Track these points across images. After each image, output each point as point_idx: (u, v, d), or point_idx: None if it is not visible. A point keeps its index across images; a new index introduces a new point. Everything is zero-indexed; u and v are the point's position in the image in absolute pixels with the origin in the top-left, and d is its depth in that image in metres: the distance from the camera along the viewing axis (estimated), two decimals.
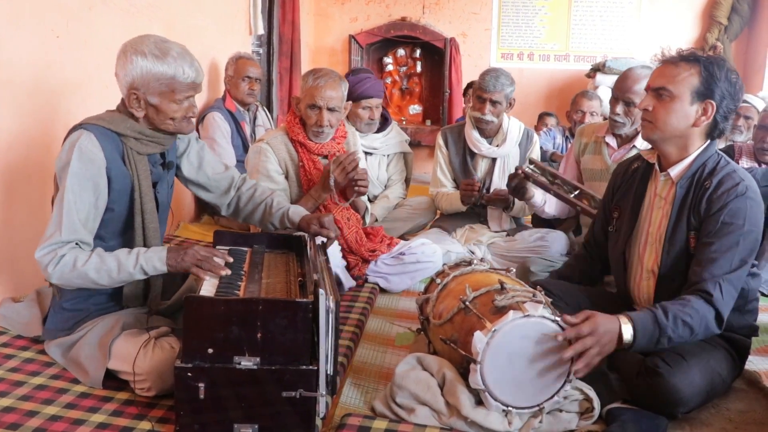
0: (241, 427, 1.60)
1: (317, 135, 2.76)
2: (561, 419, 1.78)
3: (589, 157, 3.06)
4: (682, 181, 1.94)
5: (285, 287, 1.84)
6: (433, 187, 3.59)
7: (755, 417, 1.89)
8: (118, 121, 1.92)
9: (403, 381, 1.82)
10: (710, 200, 1.86)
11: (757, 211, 1.85)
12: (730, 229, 1.81)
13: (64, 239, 1.78)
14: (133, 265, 1.81)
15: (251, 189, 2.34)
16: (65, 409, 1.75)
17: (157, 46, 1.86)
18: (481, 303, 1.83)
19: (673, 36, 6.22)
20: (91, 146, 1.84)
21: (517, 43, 6.58)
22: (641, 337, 1.71)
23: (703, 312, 1.75)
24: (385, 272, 2.95)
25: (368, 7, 6.69)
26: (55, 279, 1.79)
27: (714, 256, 1.80)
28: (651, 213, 2.03)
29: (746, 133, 4.16)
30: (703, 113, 1.89)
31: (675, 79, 1.88)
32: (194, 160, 2.20)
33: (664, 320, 1.72)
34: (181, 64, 1.87)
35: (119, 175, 1.90)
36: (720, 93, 1.86)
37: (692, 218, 1.90)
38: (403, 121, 6.72)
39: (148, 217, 1.97)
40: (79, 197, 1.81)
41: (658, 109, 1.91)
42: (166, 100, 1.90)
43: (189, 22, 3.87)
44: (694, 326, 1.74)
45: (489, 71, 3.30)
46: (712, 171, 1.90)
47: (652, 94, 1.94)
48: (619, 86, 2.84)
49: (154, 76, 1.86)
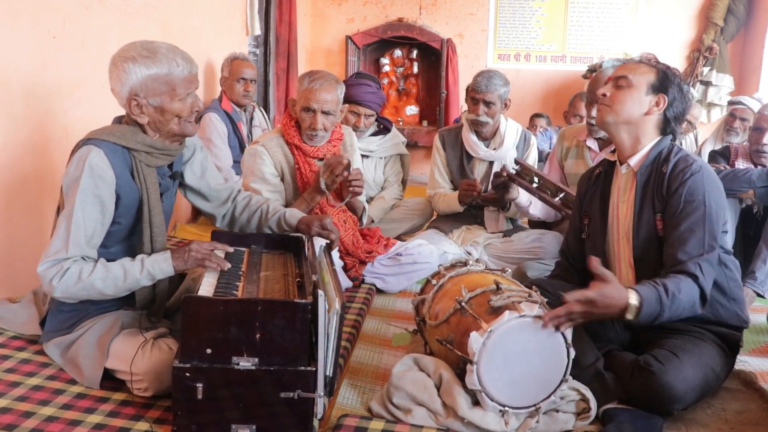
0: (238, 427, 1.60)
1: (311, 138, 2.76)
2: (558, 419, 1.79)
3: (572, 161, 3.08)
4: (641, 169, 2.05)
5: (283, 288, 1.84)
6: (430, 188, 3.59)
7: (751, 417, 1.90)
8: (129, 136, 1.89)
9: (399, 382, 1.82)
10: (669, 180, 1.97)
11: (714, 187, 1.95)
12: (693, 206, 1.91)
13: (70, 255, 1.78)
14: (140, 270, 1.81)
15: (246, 198, 2.34)
16: (62, 410, 1.75)
17: (144, 47, 1.84)
18: (476, 303, 1.84)
19: (669, 37, 6.24)
20: (101, 163, 1.81)
21: (514, 44, 6.59)
22: (643, 314, 1.76)
23: (692, 292, 1.83)
24: (381, 273, 2.95)
25: (365, 7, 6.69)
26: (58, 293, 1.78)
27: (685, 236, 1.89)
28: (617, 209, 2.11)
29: (742, 135, 4.17)
30: (656, 104, 2.03)
31: (635, 71, 2.06)
32: (197, 169, 2.19)
33: (666, 299, 1.78)
34: (173, 59, 1.85)
35: (128, 190, 1.89)
36: (672, 93, 2.03)
37: (656, 201, 1.99)
38: (399, 122, 6.72)
39: (156, 230, 1.96)
40: (87, 215, 1.80)
41: (615, 95, 2.06)
42: (169, 100, 1.88)
43: (185, 22, 3.87)
44: (685, 304, 1.81)
45: (482, 72, 3.30)
46: (667, 156, 2.02)
47: (612, 83, 2.09)
48: (591, 89, 2.92)
49: (150, 78, 1.84)
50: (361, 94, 3.47)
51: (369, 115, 3.54)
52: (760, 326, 2.60)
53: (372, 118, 3.59)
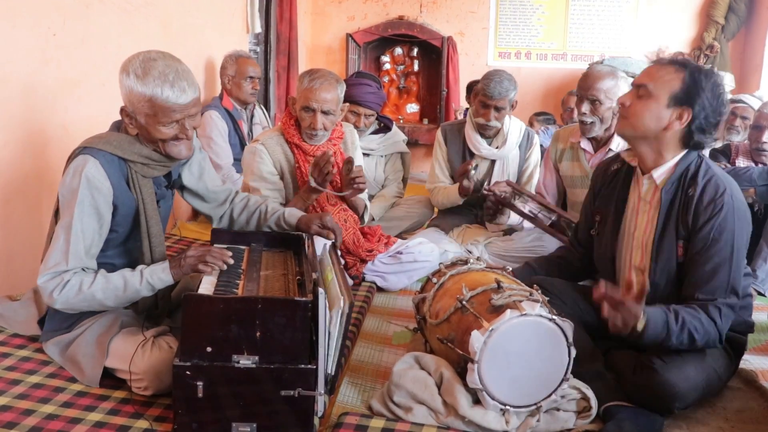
0: (239, 425, 1.60)
1: (311, 137, 2.75)
2: (558, 418, 1.79)
3: (567, 163, 3.06)
4: (667, 186, 1.92)
5: (283, 286, 1.84)
6: (429, 182, 3.58)
7: (752, 416, 1.90)
8: (125, 146, 1.87)
9: (400, 380, 1.82)
10: (697, 212, 1.85)
11: (743, 221, 1.86)
12: (719, 246, 1.82)
13: (70, 268, 1.78)
14: (139, 281, 1.81)
15: (244, 200, 2.32)
16: (62, 408, 1.75)
17: (141, 63, 1.77)
18: (477, 302, 1.83)
19: (670, 35, 6.23)
20: (97, 175, 1.80)
21: (515, 42, 6.58)
22: (649, 335, 1.73)
23: (709, 330, 1.78)
24: (382, 271, 2.94)
25: (365, 5, 6.68)
26: (59, 305, 1.78)
27: (707, 276, 1.82)
28: (636, 217, 2.03)
29: (743, 133, 4.17)
30: (678, 118, 1.87)
31: (657, 78, 1.88)
32: (195, 171, 2.17)
33: (674, 325, 1.75)
34: (160, 85, 1.76)
35: (125, 200, 1.88)
36: (700, 104, 1.83)
37: (680, 228, 1.89)
38: (400, 120, 6.71)
39: (155, 240, 1.96)
40: (86, 227, 1.80)
41: (635, 104, 1.91)
42: (152, 122, 1.82)
43: (186, 20, 3.86)
44: (698, 339, 1.77)
45: (492, 76, 3.23)
46: (695, 176, 1.89)
47: (634, 90, 1.94)
48: (581, 85, 2.87)
49: (136, 96, 1.79)
50: (361, 94, 3.46)
51: (369, 114, 3.54)
52: (762, 325, 2.59)
53: (372, 118, 3.59)
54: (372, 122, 3.62)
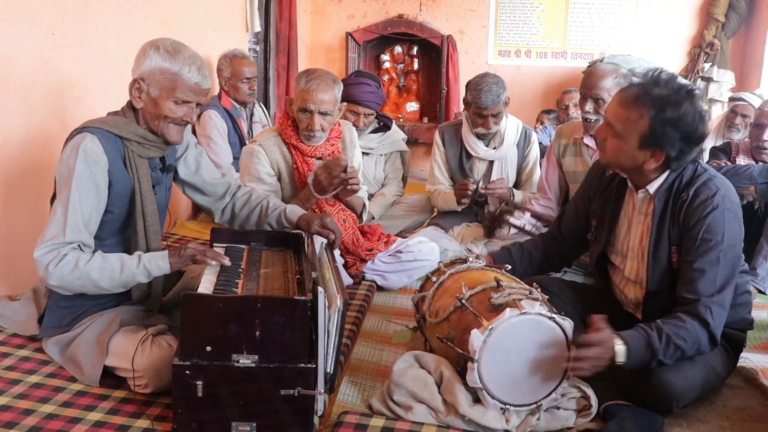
0: (238, 425, 1.60)
1: (309, 138, 2.74)
2: (558, 417, 1.79)
3: (570, 159, 3.07)
4: (659, 194, 1.91)
5: (283, 285, 1.84)
6: (429, 184, 3.59)
7: (752, 414, 1.90)
8: (122, 125, 1.93)
9: (400, 379, 1.82)
10: (687, 213, 1.84)
11: (734, 222, 1.83)
12: (709, 245, 1.79)
13: (67, 240, 1.78)
14: (136, 265, 1.82)
15: (246, 194, 2.34)
16: (62, 408, 1.75)
17: (173, 44, 1.92)
18: (477, 301, 1.83)
19: (670, 33, 6.22)
20: (95, 148, 1.84)
21: (515, 40, 6.57)
22: (632, 361, 1.71)
23: (697, 335, 1.74)
24: (382, 270, 2.94)
25: (365, 4, 6.67)
26: (54, 280, 1.77)
27: (697, 275, 1.79)
28: (630, 228, 2.02)
29: (743, 131, 4.17)
30: (652, 157, 1.83)
31: (624, 121, 1.82)
32: (191, 164, 2.20)
33: (657, 344, 1.71)
34: (189, 65, 1.90)
35: (120, 178, 1.91)
36: (670, 143, 1.78)
37: (672, 232, 1.88)
38: (400, 118, 6.70)
39: (150, 219, 1.97)
40: (84, 200, 1.81)
41: (609, 141, 1.88)
42: (165, 96, 1.91)
43: (185, 19, 3.85)
44: (687, 349, 1.73)
45: (479, 86, 3.18)
46: (689, 181, 1.87)
47: (606, 126, 1.89)
48: (585, 84, 2.88)
49: (159, 70, 1.89)
50: (360, 94, 3.45)
51: (368, 114, 3.53)
52: (762, 323, 2.59)
53: (371, 117, 3.58)
54: (371, 121, 3.62)
